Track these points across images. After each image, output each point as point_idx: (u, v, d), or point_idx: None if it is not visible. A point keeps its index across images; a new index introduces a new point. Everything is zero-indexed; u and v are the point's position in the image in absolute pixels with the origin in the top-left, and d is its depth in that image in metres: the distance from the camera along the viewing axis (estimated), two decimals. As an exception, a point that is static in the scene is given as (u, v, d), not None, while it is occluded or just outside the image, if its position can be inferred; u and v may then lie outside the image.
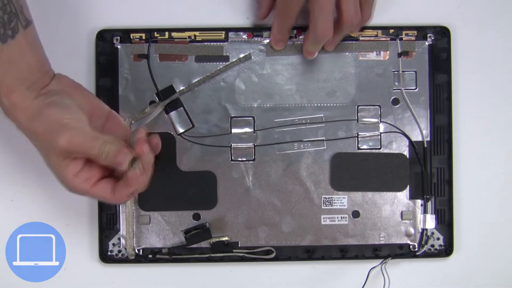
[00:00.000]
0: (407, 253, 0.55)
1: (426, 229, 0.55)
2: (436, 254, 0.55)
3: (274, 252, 0.55)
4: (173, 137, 0.55)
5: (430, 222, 0.55)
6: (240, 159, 0.55)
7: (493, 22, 0.56)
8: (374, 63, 0.55)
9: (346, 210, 0.55)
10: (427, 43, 0.55)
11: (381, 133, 0.55)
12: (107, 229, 0.55)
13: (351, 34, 0.54)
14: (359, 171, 0.55)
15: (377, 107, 0.55)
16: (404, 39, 0.55)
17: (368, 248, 0.55)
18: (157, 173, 0.54)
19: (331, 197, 0.55)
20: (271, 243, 0.55)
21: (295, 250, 0.55)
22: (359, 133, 0.55)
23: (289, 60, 0.55)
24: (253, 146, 0.55)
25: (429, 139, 0.55)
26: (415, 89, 0.55)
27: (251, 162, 0.55)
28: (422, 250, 0.55)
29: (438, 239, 0.55)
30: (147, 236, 0.55)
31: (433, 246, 0.55)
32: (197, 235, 0.54)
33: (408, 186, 0.55)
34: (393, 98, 0.55)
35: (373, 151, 0.55)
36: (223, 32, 0.55)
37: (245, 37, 0.55)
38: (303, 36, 0.54)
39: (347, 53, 0.55)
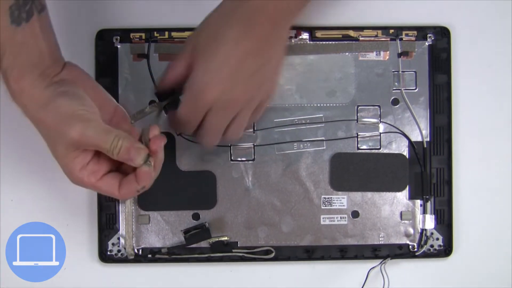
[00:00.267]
0: (407, 253, 0.55)
1: (425, 229, 0.55)
2: (435, 254, 0.55)
3: (273, 252, 0.55)
4: (172, 137, 0.55)
5: (429, 222, 0.55)
6: (239, 159, 0.55)
7: (493, 22, 0.56)
8: (374, 63, 0.55)
9: (345, 210, 0.55)
10: (427, 43, 0.55)
11: (380, 133, 0.55)
12: (106, 228, 0.55)
13: None
14: (359, 171, 0.55)
15: (376, 107, 0.55)
16: (404, 39, 0.55)
17: (367, 248, 0.55)
18: (156, 173, 0.55)
19: (331, 197, 0.55)
20: (271, 243, 0.55)
21: (294, 250, 0.55)
22: (359, 133, 0.55)
23: (289, 60, 0.55)
24: (252, 146, 0.55)
25: (428, 139, 0.55)
26: (415, 89, 0.55)
27: (250, 162, 0.55)
28: (421, 250, 0.55)
29: (437, 239, 0.55)
30: (147, 236, 0.55)
31: (432, 246, 0.55)
32: (197, 235, 0.54)
33: (407, 186, 0.55)
34: (393, 98, 0.55)
35: (373, 151, 0.55)
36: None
37: None
38: (303, 35, 0.55)
39: (347, 53, 0.55)
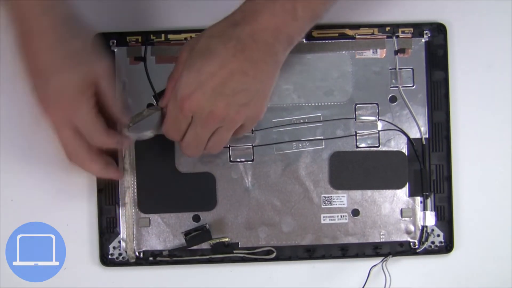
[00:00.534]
0: (408, 250, 0.55)
1: (426, 226, 0.55)
2: (436, 251, 0.55)
3: (274, 252, 0.55)
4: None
5: (430, 219, 0.55)
6: (238, 160, 0.55)
7: (489, 17, 0.56)
8: (371, 61, 0.55)
9: (345, 208, 0.55)
10: (423, 40, 0.55)
11: (379, 131, 0.55)
12: (107, 232, 0.55)
13: None
14: (358, 170, 0.55)
15: (374, 105, 0.55)
16: (400, 36, 0.55)
17: (368, 246, 0.55)
18: (155, 175, 0.55)
19: (331, 196, 0.55)
20: (272, 243, 0.55)
21: (295, 249, 0.55)
22: (357, 132, 0.55)
23: (286, 60, 0.55)
24: (251, 146, 0.55)
25: (427, 136, 0.55)
26: (413, 86, 0.55)
27: (249, 162, 0.55)
28: (422, 247, 0.55)
29: (438, 236, 0.55)
30: (147, 238, 0.55)
31: (433, 243, 0.55)
32: (197, 236, 0.54)
33: (407, 183, 0.55)
34: (390, 95, 0.55)
35: (372, 149, 0.55)
36: (219, 33, 0.55)
37: None
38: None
39: (344, 52, 0.55)
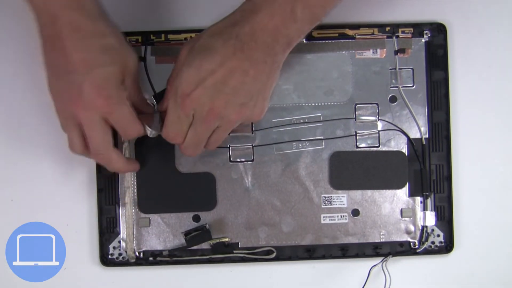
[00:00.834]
0: (408, 250, 0.55)
1: (426, 226, 0.55)
2: (436, 251, 0.55)
3: (274, 252, 0.55)
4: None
5: (430, 219, 0.55)
6: (238, 160, 0.55)
7: (489, 17, 0.56)
8: (371, 61, 0.55)
9: (345, 208, 0.55)
10: (423, 40, 0.55)
11: (379, 131, 0.55)
12: (107, 232, 0.55)
13: None
14: (358, 170, 0.55)
15: (374, 105, 0.55)
16: (400, 36, 0.55)
17: (368, 246, 0.55)
18: (156, 175, 0.55)
19: (331, 196, 0.55)
20: (272, 243, 0.55)
21: (295, 249, 0.55)
22: (357, 132, 0.55)
23: (286, 60, 0.55)
24: (251, 146, 0.55)
25: (427, 136, 0.55)
26: (413, 86, 0.55)
27: (249, 162, 0.55)
28: (422, 247, 0.55)
29: (438, 236, 0.55)
30: (148, 238, 0.55)
31: (433, 243, 0.55)
32: (198, 236, 0.54)
33: (407, 183, 0.55)
34: (390, 95, 0.55)
35: (372, 149, 0.55)
36: (219, 33, 0.55)
37: None
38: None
39: (343, 52, 0.55)
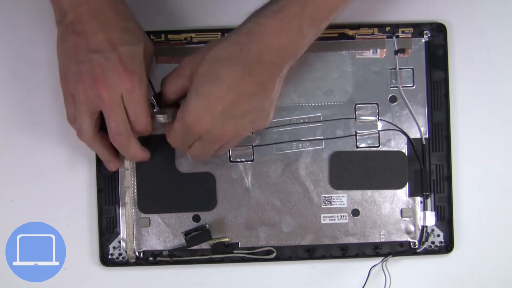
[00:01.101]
0: (408, 250, 0.55)
1: (426, 226, 0.55)
2: (436, 251, 0.55)
3: (274, 252, 0.55)
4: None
5: (430, 219, 0.55)
6: (238, 160, 0.55)
7: (489, 17, 0.56)
8: (371, 61, 0.55)
9: (345, 208, 0.55)
10: (423, 40, 0.55)
11: (379, 131, 0.55)
12: (107, 232, 0.55)
13: None
14: (358, 170, 0.55)
15: (374, 105, 0.55)
16: (400, 36, 0.55)
17: (368, 246, 0.55)
18: (156, 175, 0.55)
19: (331, 196, 0.55)
20: (272, 243, 0.55)
21: (295, 249, 0.55)
22: (357, 132, 0.55)
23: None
24: (251, 146, 0.55)
25: (427, 136, 0.55)
26: (413, 86, 0.55)
27: (249, 162, 0.55)
28: (422, 247, 0.55)
29: (438, 236, 0.55)
30: (148, 238, 0.55)
31: (433, 243, 0.55)
32: (197, 236, 0.54)
33: (407, 183, 0.55)
34: (390, 95, 0.55)
35: (372, 149, 0.55)
36: (219, 33, 0.55)
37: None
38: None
39: (343, 52, 0.55)
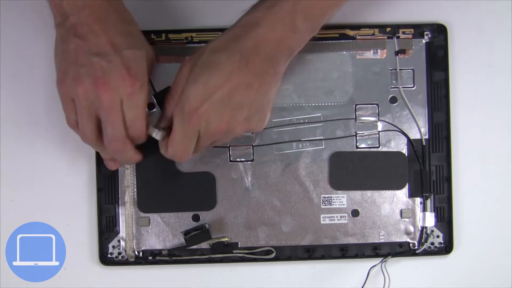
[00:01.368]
0: (407, 251, 0.55)
1: (425, 227, 0.55)
2: (436, 251, 0.55)
3: (274, 252, 0.55)
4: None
5: (429, 219, 0.55)
6: (238, 160, 0.55)
7: (489, 18, 0.56)
8: (371, 62, 0.55)
9: (345, 209, 0.55)
10: (424, 41, 0.55)
11: (379, 132, 0.55)
12: (106, 231, 0.55)
13: None
14: (358, 170, 0.55)
15: (375, 105, 0.55)
16: (401, 37, 0.55)
17: (368, 246, 0.55)
18: (155, 174, 0.55)
19: (330, 196, 0.55)
20: (271, 243, 0.55)
21: (295, 249, 0.55)
22: (357, 132, 0.55)
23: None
24: (251, 146, 0.55)
25: (427, 137, 0.55)
26: (413, 87, 0.55)
27: (249, 162, 0.55)
28: (422, 248, 0.55)
29: (437, 236, 0.55)
30: (147, 238, 0.55)
31: (433, 244, 0.55)
32: (197, 236, 0.54)
33: (407, 184, 0.55)
34: (390, 96, 0.55)
35: (372, 149, 0.55)
36: (220, 33, 0.55)
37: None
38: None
39: (344, 52, 0.55)
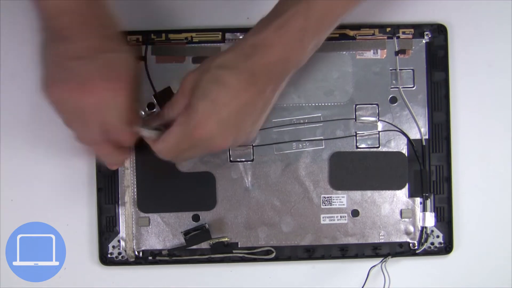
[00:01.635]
0: (407, 251, 0.55)
1: (425, 227, 0.55)
2: (436, 252, 0.55)
3: (274, 252, 0.55)
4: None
5: (429, 220, 0.55)
6: (238, 160, 0.55)
7: (490, 18, 0.56)
8: (371, 62, 0.55)
9: (345, 209, 0.55)
10: (424, 41, 0.55)
11: (379, 132, 0.55)
12: (106, 231, 0.55)
13: None
14: (358, 170, 0.55)
15: (375, 105, 0.55)
16: (401, 37, 0.55)
17: (368, 246, 0.55)
18: (155, 174, 0.55)
19: (330, 197, 0.55)
20: (271, 243, 0.55)
21: (295, 249, 0.55)
22: (357, 132, 0.55)
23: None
24: (251, 146, 0.55)
25: (427, 137, 0.55)
26: (413, 87, 0.55)
27: (249, 162, 0.55)
28: (422, 248, 0.55)
29: (437, 236, 0.55)
30: (147, 238, 0.55)
31: (432, 244, 0.55)
32: (197, 236, 0.54)
33: (407, 184, 0.55)
34: (391, 96, 0.55)
35: (372, 149, 0.55)
36: (220, 33, 0.55)
37: (241, 37, 0.55)
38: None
39: (344, 52, 0.55)
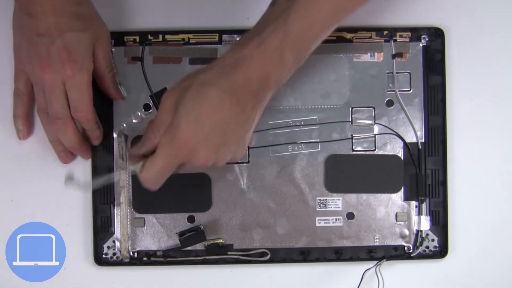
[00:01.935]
0: (402, 254, 0.55)
1: (420, 231, 0.55)
2: (431, 255, 0.55)
3: (269, 254, 0.55)
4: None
5: (424, 223, 0.55)
6: (234, 161, 0.55)
7: (487, 22, 0.56)
8: (368, 65, 0.55)
9: (340, 212, 0.55)
10: (421, 45, 0.55)
11: (375, 135, 0.55)
12: (101, 232, 0.55)
13: None
14: (354, 173, 0.55)
15: (371, 108, 0.55)
16: (398, 40, 0.55)
17: (363, 249, 0.55)
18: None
19: (326, 199, 0.55)
20: (266, 245, 0.55)
21: (290, 252, 0.55)
22: (354, 135, 0.55)
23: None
24: (247, 148, 0.55)
25: (423, 141, 0.55)
26: (409, 90, 0.55)
27: (245, 164, 0.55)
28: (417, 251, 0.55)
29: (432, 240, 0.55)
30: (142, 238, 0.55)
31: (427, 247, 0.55)
32: (192, 237, 0.54)
33: (402, 187, 0.55)
34: (387, 99, 0.55)
35: (368, 152, 0.55)
36: (217, 34, 0.55)
37: (238, 39, 0.55)
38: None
39: (341, 55, 0.55)
